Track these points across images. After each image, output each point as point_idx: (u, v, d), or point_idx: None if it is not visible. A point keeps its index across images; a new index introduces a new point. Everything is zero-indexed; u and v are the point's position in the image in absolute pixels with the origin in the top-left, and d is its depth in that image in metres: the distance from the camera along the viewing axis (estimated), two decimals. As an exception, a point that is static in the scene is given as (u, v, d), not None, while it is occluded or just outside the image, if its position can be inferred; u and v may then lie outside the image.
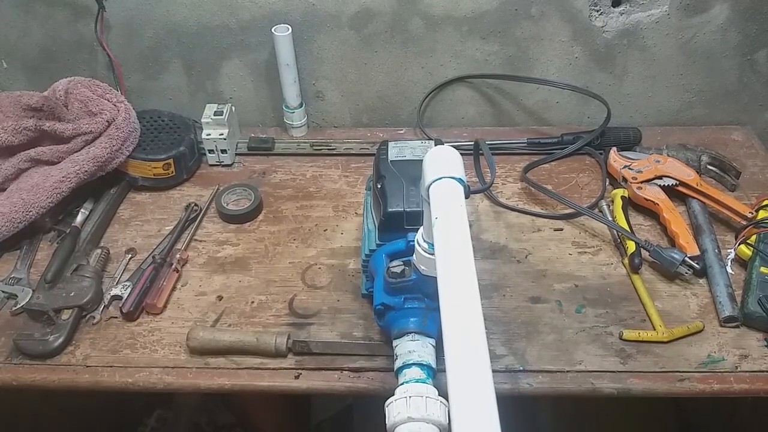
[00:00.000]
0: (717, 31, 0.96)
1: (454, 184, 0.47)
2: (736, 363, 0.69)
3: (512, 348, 0.71)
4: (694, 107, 1.05)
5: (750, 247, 0.78)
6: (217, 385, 0.69)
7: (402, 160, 0.74)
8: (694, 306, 0.75)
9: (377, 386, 0.68)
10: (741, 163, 0.95)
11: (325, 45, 0.99)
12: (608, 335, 0.72)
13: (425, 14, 0.95)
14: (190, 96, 1.06)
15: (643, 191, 0.87)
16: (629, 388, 0.67)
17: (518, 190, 0.93)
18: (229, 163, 1.00)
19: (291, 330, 0.73)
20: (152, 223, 0.90)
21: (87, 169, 0.86)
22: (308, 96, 1.05)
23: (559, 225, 0.87)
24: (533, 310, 0.76)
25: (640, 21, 0.95)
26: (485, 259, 0.82)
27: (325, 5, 0.95)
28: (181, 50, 1.01)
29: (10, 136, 0.87)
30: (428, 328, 0.62)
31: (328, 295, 0.78)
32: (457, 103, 1.05)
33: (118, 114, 0.90)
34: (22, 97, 0.89)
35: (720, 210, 0.86)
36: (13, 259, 0.83)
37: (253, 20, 0.97)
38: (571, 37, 0.97)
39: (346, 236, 0.86)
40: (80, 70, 1.03)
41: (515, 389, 0.67)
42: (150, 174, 0.93)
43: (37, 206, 0.83)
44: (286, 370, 0.70)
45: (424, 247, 0.56)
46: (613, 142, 0.97)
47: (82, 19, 0.98)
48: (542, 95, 1.04)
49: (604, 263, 0.81)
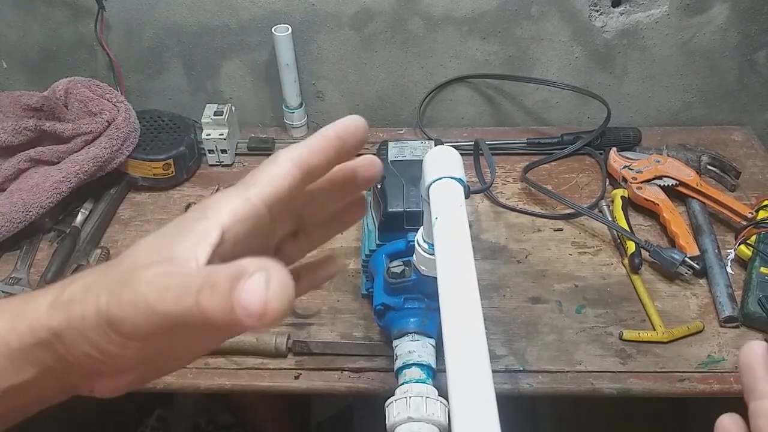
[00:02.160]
0: (717, 31, 0.96)
1: (454, 184, 0.47)
2: (736, 363, 0.69)
3: (512, 348, 0.71)
4: (694, 107, 1.05)
5: (750, 248, 0.78)
6: (217, 385, 0.69)
7: (402, 160, 0.74)
8: (694, 306, 0.75)
9: (377, 386, 0.68)
10: (741, 163, 0.95)
11: (325, 45, 0.99)
12: (608, 335, 0.72)
13: (425, 14, 0.95)
14: (190, 96, 1.06)
15: (643, 191, 0.87)
16: (629, 389, 0.67)
17: (518, 190, 0.93)
18: (229, 163, 1.00)
19: (291, 330, 0.73)
20: (152, 223, 0.90)
21: (87, 169, 0.86)
22: (308, 96, 1.05)
23: (559, 225, 0.87)
24: (533, 311, 0.76)
25: (640, 21, 0.95)
26: (485, 259, 0.82)
27: (325, 5, 0.95)
28: (181, 50, 1.01)
29: (9, 136, 0.87)
30: (428, 328, 0.62)
31: (328, 295, 0.78)
32: (457, 103, 1.05)
33: (118, 114, 0.90)
34: (22, 97, 0.89)
35: (720, 210, 0.86)
36: (13, 259, 0.83)
37: (253, 20, 0.97)
38: (571, 37, 0.97)
39: (346, 236, 0.86)
40: (80, 70, 1.03)
41: (515, 389, 0.67)
42: (150, 174, 0.93)
43: (37, 206, 0.83)
44: (286, 370, 0.70)
45: (424, 248, 0.56)
46: (613, 142, 0.97)
47: (82, 19, 0.98)
48: (542, 95, 1.04)
49: (604, 263, 0.81)
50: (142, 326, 0.25)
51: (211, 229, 0.27)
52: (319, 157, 0.30)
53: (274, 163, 0.30)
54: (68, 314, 0.27)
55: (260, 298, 0.23)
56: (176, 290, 0.24)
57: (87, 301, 0.26)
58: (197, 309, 0.24)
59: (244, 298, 0.23)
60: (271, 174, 0.29)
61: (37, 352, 0.28)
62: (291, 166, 0.30)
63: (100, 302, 0.26)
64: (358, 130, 0.31)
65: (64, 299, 0.27)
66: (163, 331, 0.25)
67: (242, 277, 0.23)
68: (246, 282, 0.23)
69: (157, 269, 0.26)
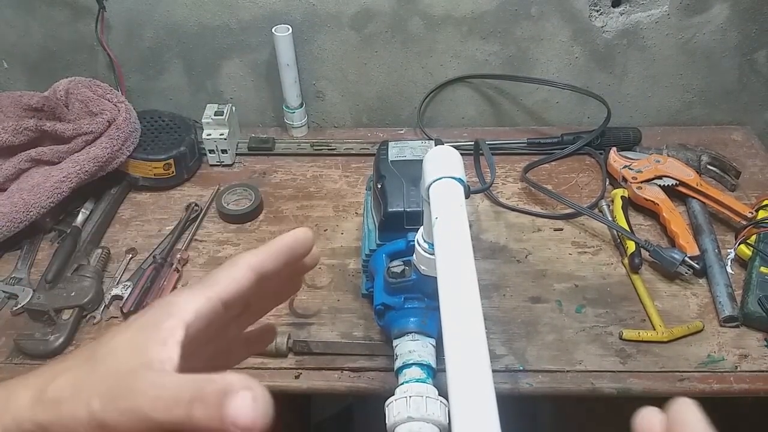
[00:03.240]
0: (717, 31, 0.96)
1: (454, 184, 0.47)
2: (735, 363, 0.69)
3: (512, 348, 0.71)
4: (693, 107, 1.05)
5: (750, 247, 0.78)
6: (218, 384, 0.69)
7: (402, 160, 0.74)
8: (693, 306, 0.75)
9: (377, 386, 0.68)
10: (741, 163, 0.95)
11: (325, 45, 0.99)
12: (608, 335, 0.72)
13: (425, 14, 0.95)
14: (190, 96, 1.06)
15: (643, 191, 0.87)
16: (629, 388, 0.67)
17: (518, 190, 0.94)
18: (229, 163, 1.00)
19: (291, 330, 0.73)
20: (153, 223, 0.90)
21: (87, 169, 0.86)
22: (308, 96, 1.05)
23: (559, 225, 0.87)
24: (533, 310, 0.76)
25: (640, 21, 0.95)
26: (485, 259, 0.82)
27: (325, 5, 0.95)
28: (181, 50, 1.01)
29: (10, 136, 0.87)
30: (428, 328, 0.62)
31: (329, 295, 0.78)
32: (457, 103, 1.06)
33: (119, 114, 0.90)
34: (23, 97, 0.89)
35: (720, 210, 0.86)
36: (13, 259, 0.83)
37: (253, 20, 0.97)
38: (571, 37, 0.97)
39: (347, 236, 0.86)
40: (80, 70, 1.03)
41: (515, 389, 0.67)
42: (150, 174, 0.93)
43: (37, 206, 0.83)
44: (286, 370, 0.70)
45: (424, 247, 0.56)
46: (613, 142, 0.97)
47: (83, 19, 0.98)
48: (542, 95, 1.04)
49: (604, 263, 0.81)
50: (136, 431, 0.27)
51: (177, 327, 0.30)
52: (273, 263, 0.36)
53: (235, 266, 0.35)
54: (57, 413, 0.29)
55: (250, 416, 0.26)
56: (168, 402, 0.27)
57: (77, 403, 0.28)
58: (188, 419, 0.27)
59: (234, 414, 0.26)
60: (231, 276, 0.34)
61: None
62: (248, 270, 0.34)
63: (92, 407, 0.28)
64: (306, 241, 0.39)
65: (50, 396, 0.29)
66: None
67: (229, 393, 0.26)
68: (234, 400, 0.26)
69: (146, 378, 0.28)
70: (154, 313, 0.32)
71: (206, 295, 0.32)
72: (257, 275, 0.35)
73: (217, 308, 0.33)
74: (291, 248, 0.37)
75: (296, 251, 0.38)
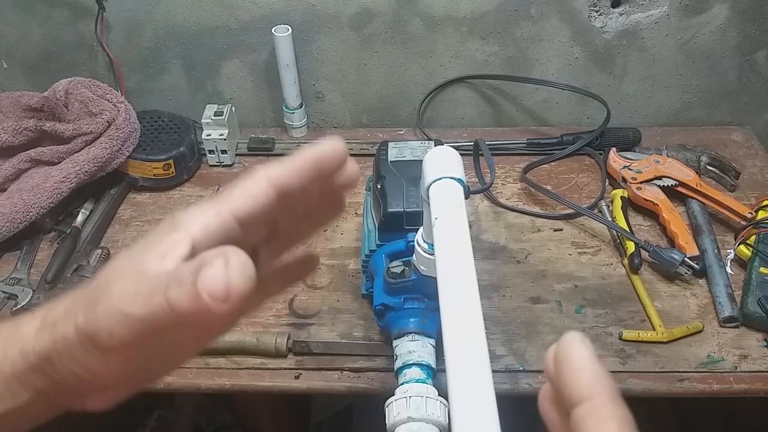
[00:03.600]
0: (716, 32, 0.96)
1: (454, 185, 0.47)
2: (735, 363, 0.69)
3: (512, 348, 0.71)
4: (693, 107, 1.05)
5: (749, 248, 0.78)
6: (217, 385, 0.69)
7: (402, 160, 0.74)
8: (693, 306, 0.75)
9: (377, 386, 0.68)
10: (740, 164, 0.95)
11: (325, 45, 0.99)
12: (608, 335, 0.72)
13: (425, 14, 0.95)
14: (190, 96, 1.06)
15: (643, 192, 0.87)
16: (629, 388, 0.67)
17: (518, 191, 0.94)
18: (229, 163, 1.00)
19: (291, 330, 0.73)
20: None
21: (87, 170, 0.86)
22: (308, 96, 1.05)
23: (559, 225, 0.87)
24: (533, 311, 0.76)
25: (640, 21, 0.95)
26: (485, 259, 0.82)
27: (325, 6, 0.95)
28: (181, 51, 1.01)
29: (10, 136, 0.87)
30: (428, 328, 0.62)
31: (328, 296, 0.78)
32: (456, 103, 1.06)
33: (119, 114, 0.90)
34: (22, 98, 0.89)
35: (719, 210, 0.86)
36: (13, 260, 0.83)
37: (253, 21, 0.97)
38: (571, 38, 0.97)
39: (346, 236, 0.86)
40: (80, 70, 1.03)
41: (515, 389, 0.67)
42: (150, 174, 0.93)
43: (37, 206, 0.83)
44: (286, 370, 0.70)
45: (423, 248, 0.56)
46: (613, 142, 0.97)
47: (82, 19, 0.98)
48: (542, 96, 1.04)
49: (604, 263, 0.81)
50: (118, 334, 0.26)
51: (181, 241, 0.27)
52: (296, 179, 0.31)
53: (251, 179, 0.30)
54: (53, 337, 0.28)
55: (222, 281, 0.24)
56: (145, 293, 0.25)
57: (67, 322, 0.27)
58: (167, 305, 0.25)
59: (207, 283, 0.24)
60: (247, 190, 0.30)
61: (29, 376, 0.29)
62: (267, 185, 0.30)
63: (78, 320, 0.27)
64: (335, 154, 0.32)
65: (49, 323, 0.29)
66: (139, 337, 0.26)
67: (204, 266, 0.24)
68: (207, 269, 0.24)
69: (127, 279, 0.27)
70: (159, 229, 0.29)
71: (216, 210, 0.29)
72: (278, 191, 0.30)
73: (229, 224, 0.29)
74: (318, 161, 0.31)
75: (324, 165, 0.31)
